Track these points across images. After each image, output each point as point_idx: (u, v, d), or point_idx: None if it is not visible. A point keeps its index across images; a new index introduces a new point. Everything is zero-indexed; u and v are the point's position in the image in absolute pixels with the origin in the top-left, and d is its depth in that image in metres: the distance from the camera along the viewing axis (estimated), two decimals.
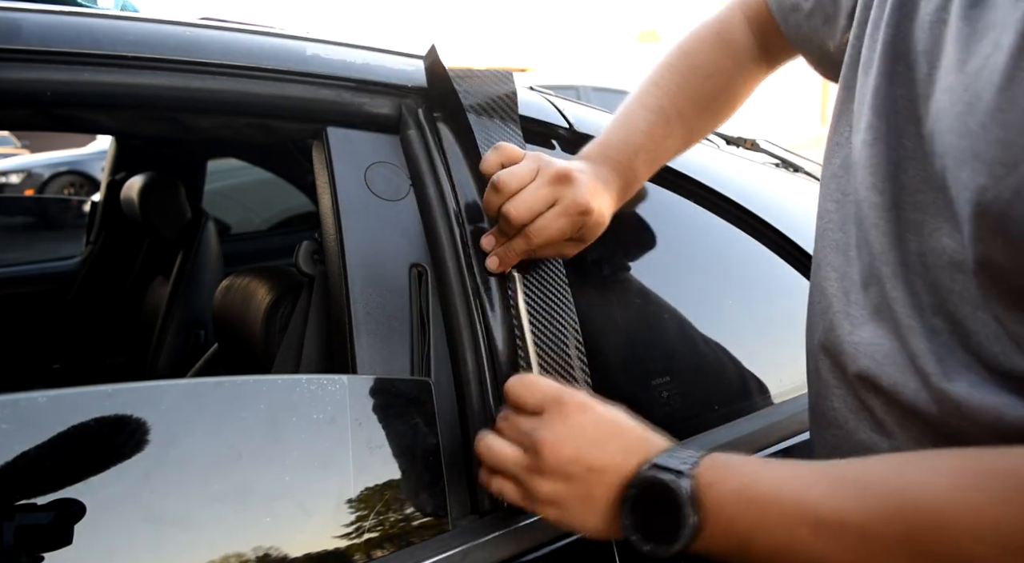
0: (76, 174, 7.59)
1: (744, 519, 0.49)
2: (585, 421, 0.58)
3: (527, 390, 0.61)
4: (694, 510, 0.50)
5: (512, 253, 0.72)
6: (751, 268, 1.04)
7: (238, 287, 0.99)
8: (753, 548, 0.49)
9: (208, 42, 0.73)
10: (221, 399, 0.60)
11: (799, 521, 0.47)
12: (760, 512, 0.48)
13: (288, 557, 0.58)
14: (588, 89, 5.75)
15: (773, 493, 0.49)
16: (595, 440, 0.57)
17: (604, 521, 0.56)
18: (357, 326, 0.69)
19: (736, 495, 0.50)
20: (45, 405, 0.52)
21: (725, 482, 0.51)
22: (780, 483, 0.49)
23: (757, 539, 0.49)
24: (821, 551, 0.46)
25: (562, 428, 0.58)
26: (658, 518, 0.52)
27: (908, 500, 0.43)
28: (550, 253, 0.75)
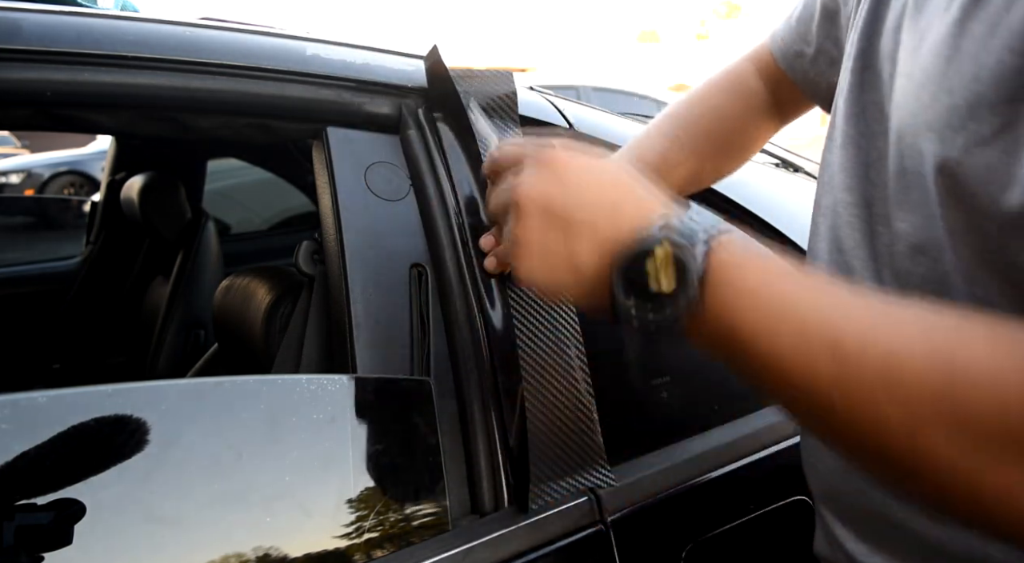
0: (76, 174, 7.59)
1: (752, 315, 0.41)
2: (568, 168, 0.49)
3: (503, 152, 0.55)
4: (699, 285, 0.42)
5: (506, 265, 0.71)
6: None
7: (238, 287, 0.99)
8: (752, 351, 0.41)
9: (208, 42, 0.73)
10: (221, 399, 0.60)
11: (816, 337, 0.39)
12: (777, 319, 0.41)
13: (288, 557, 0.58)
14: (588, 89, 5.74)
15: (793, 299, 0.41)
16: (579, 191, 0.48)
17: (592, 286, 0.47)
18: (357, 326, 0.69)
19: (753, 290, 0.42)
20: (45, 405, 0.52)
21: (743, 269, 0.42)
22: (801, 291, 0.41)
23: (760, 344, 0.41)
24: (833, 372, 0.38)
25: (540, 174, 0.49)
26: (650, 283, 0.43)
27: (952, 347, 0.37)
28: None
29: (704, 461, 0.82)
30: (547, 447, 0.71)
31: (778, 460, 0.87)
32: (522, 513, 0.69)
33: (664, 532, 0.78)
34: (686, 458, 0.81)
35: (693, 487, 0.80)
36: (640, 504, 0.76)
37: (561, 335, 0.73)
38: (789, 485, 0.86)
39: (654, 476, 0.78)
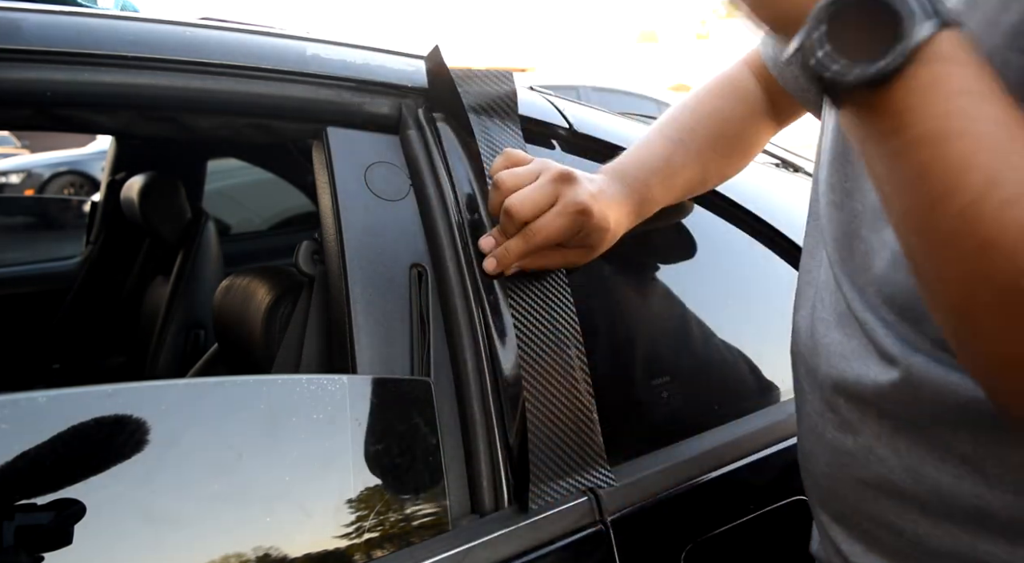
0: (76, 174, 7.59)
1: (933, 121, 0.39)
2: None
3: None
4: (909, 53, 0.38)
5: (510, 254, 0.71)
6: (751, 268, 1.04)
7: (238, 287, 0.99)
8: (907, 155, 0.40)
9: (208, 42, 0.73)
10: (221, 399, 0.60)
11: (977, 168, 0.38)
12: (957, 132, 0.38)
13: (288, 557, 0.58)
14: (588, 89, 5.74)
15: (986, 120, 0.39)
16: None
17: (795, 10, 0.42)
18: (357, 326, 0.69)
19: (954, 89, 0.39)
20: (45, 405, 0.52)
21: (957, 64, 0.39)
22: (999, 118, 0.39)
23: (923, 150, 0.39)
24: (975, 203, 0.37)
25: None
26: (860, 38, 0.39)
27: None
28: (557, 262, 0.75)
29: (704, 461, 0.82)
30: (547, 447, 0.71)
31: (778, 460, 0.87)
32: (522, 513, 0.69)
33: (664, 532, 0.78)
34: (686, 458, 0.81)
35: (693, 487, 0.80)
36: (640, 504, 0.76)
37: (561, 335, 0.73)
38: (789, 485, 0.86)
39: (654, 476, 0.78)
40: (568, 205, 0.69)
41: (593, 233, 0.72)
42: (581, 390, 0.73)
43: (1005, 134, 0.38)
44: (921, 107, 0.39)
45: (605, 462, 0.74)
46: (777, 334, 1.00)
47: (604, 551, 0.72)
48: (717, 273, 1.00)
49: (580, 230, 0.71)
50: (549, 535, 0.70)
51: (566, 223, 0.70)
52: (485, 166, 0.76)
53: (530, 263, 0.73)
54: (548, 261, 0.74)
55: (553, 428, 0.71)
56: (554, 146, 0.91)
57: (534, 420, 0.70)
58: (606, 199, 0.72)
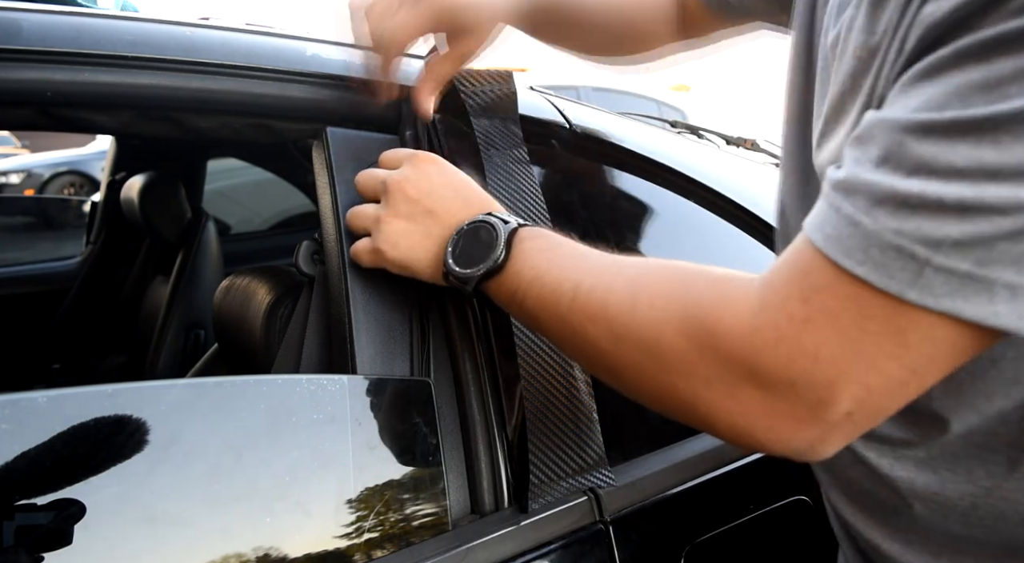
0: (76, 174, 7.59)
1: (532, 272, 0.57)
2: (432, 170, 0.66)
3: (389, 153, 0.70)
4: (505, 247, 0.59)
5: (379, 68, 0.72)
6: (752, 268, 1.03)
7: (238, 287, 0.99)
8: (528, 298, 0.57)
9: (208, 42, 0.73)
10: (221, 399, 0.60)
11: (566, 281, 0.55)
12: (545, 270, 0.57)
13: (288, 557, 0.58)
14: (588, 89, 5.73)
15: (563, 258, 0.57)
16: (438, 187, 0.65)
17: (434, 259, 0.63)
18: (357, 326, 0.69)
19: (538, 251, 0.59)
20: (45, 405, 0.52)
21: (536, 240, 0.60)
22: (572, 254, 0.58)
23: (533, 289, 0.57)
24: (569, 306, 0.54)
25: (411, 172, 0.66)
26: (475, 250, 0.60)
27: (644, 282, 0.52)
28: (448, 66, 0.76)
29: (704, 461, 0.82)
30: (547, 447, 0.71)
31: (778, 460, 0.86)
32: (522, 513, 0.69)
33: (664, 532, 0.78)
34: (686, 458, 0.81)
35: (693, 487, 0.80)
36: (640, 504, 0.76)
37: None
38: (789, 485, 0.86)
39: (654, 476, 0.78)
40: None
41: (453, 12, 0.71)
42: (581, 390, 0.73)
43: (576, 260, 0.57)
44: (520, 271, 0.58)
45: (605, 462, 0.74)
46: None
47: (604, 551, 0.72)
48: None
49: (432, 17, 0.71)
50: (549, 535, 0.70)
51: (411, 14, 0.70)
52: (485, 166, 0.76)
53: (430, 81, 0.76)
54: (441, 69, 0.76)
55: (553, 428, 0.71)
56: (554, 146, 0.91)
57: (534, 420, 0.70)
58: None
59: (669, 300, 0.49)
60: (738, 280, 0.47)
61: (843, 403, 0.42)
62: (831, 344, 0.41)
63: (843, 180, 0.42)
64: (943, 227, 0.37)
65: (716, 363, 0.46)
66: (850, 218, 0.40)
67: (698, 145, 1.22)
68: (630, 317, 0.50)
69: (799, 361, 0.42)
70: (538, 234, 0.60)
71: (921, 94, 0.40)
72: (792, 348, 0.42)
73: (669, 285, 0.50)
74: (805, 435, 0.45)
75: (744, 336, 0.44)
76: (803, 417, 0.44)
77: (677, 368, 0.47)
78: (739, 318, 0.45)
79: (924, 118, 0.39)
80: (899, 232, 0.39)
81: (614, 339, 0.51)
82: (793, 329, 0.42)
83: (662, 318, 0.48)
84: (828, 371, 0.42)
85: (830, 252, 0.41)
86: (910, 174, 0.39)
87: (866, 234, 0.40)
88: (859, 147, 0.42)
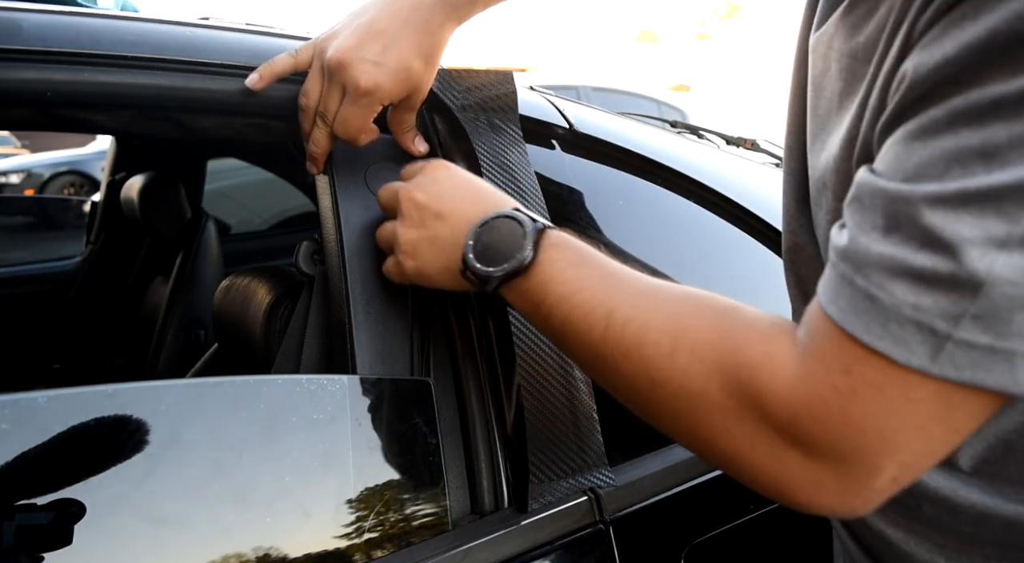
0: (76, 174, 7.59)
1: (561, 287, 0.54)
2: (441, 175, 0.64)
3: (410, 166, 0.68)
4: (532, 249, 0.55)
5: (317, 145, 0.70)
6: (752, 268, 1.04)
7: (238, 287, 0.99)
8: (554, 315, 0.54)
9: (208, 42, 0.73)
10: (221, 399, 0.60)
11: (600, 306, 0.52)
12: (576, 288, 0.54)
13: (288, 557, 0.58)
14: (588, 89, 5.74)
15: (595, 277, 0.54)
16: (447, 189, 0.63)
17: (448, 262, 0.61)
18: (357, 326, 0.69)
19: (568, 264, 0.55)
20: (45, 405, 0.52)
21: (565, 249, 0.56)
22: (604, 273, 0.54)
23: (561, 308, 0.54)
24: (602, 335, 0.51)
25: (421, 179, 0.64)
26: (498, 246, 0.57)
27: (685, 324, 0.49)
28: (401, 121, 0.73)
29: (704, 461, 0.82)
30: (547, 447, 0.71)
31: None
32: (522, 513, 0.69)
33: (664, 532, 0.78)
34: (686, 458, 0.81)
35: (693, 487, 0.80)
36: (640, 504, 0.76)
37: None
38: None
39: (654, 476, 0.78)
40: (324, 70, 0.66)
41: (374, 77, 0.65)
42: (581, 390, 0.73)
43: (609, 282, 0.53)
44: (548, 282, 0.55)
45: (605, 462, 0.74)
46: None
47: (604, 551, 0.72)
48: (719, 273, 1.00)
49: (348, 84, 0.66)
50: (549, 535, 0.70)
51: (333, 92, 0.67)
52: (483, 166, 0.76)
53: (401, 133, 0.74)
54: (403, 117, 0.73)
55: (553, 428, 0.71)
56: (554, 146, 0.91)
57: (534, 420, 0.70)
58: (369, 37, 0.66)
59: (712, 351, 0.47)
60: (782, 337, 0.46)
61: (890, 471, 0.42)
62: (878, 416, 0.41)
63: (851, 251, 0.41)
64: (960, 302, 0.37)
65: (761, 428, 0.45)
66: (865, 292, 0.40)
67: (698, 145, 1.22)
68: (669, 362, 0.48)
69: (847, 434, 0.42)
70: (568, 243, 0.57)
71: (917, 157, 0.39)
72: (840, 421, 0.42)
73: (712, 333, 0.48)
74: (850, 502, 0.44)
75: (791, 406, 0.43)
76: (849, 486, 0.43)
77: (719, 425, 0.46)
78: (786, 385, 0.43)
79: (930, 191, 0.38)
80: (917, 307, 0.38)
81: (650, 381, 0.49)
82: (839, 402, 0.42)
83: (705, 372, 0.47)
84: (876, 443, 0.41)
85: (848, 327, 0.41)
86: (921, 246, 0.38)
87: (883, 310, 0.39)
88: (860, 212, 0.42)
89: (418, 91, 0.70)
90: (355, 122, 0.68)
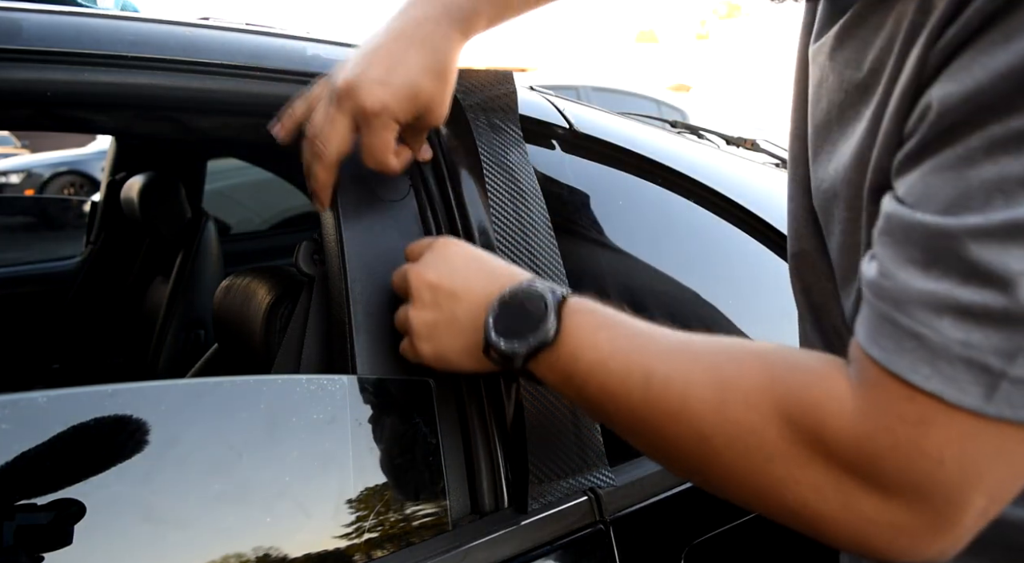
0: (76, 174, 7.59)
1: (591, 354, 0.52)
2: (450, 252, 0.62)
3: (413, 244, 0.66)
4: (556, 320, 0.54)
5: (317, 181, 0.67)
6: (752, 268, 1.04)
7: (238, 287, 0.99)
8: (589, 384, 0.52)
9: (208, 42, 0.73)
10: (221, 399, 0.60)
11: (635, 370, 0.50)
12: (607, 353, 0.51)
13: (288, 557, 0.58)
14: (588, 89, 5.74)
15: (625, 340, 0.52)
16: (459, 267, 0.61)
17: (468, 342, 0.59)
18: (357, 326, 0.69)
19: (594, 329, 0.53)
20: (45, 405, 0.52)
21: (589, 315, 0.54)
22: (633, 334, 0.52)
23: (596, 376, 0.52)
24: (642, 399, 0.49)
25: (429, 257, 0.62)
26: (520, 321, 0.55)
27: (729, 373, 0.47)
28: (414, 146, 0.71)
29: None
30: (547, 447, 0.71)
31: None
32: (522, 513, 0.69)
33: (664, 532, 0.78)
34: None
35: (693, 487, 0.80)
36: (640, 504, 0.76)
37: None
38: None
39: (654, 476, 0.78)
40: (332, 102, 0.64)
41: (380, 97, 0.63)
42: None
43: (640, 342, 0.51)
44: (577, 350, 0.53)
45: (605, 462, 0.74)
46: (779, 334, 1.00)
47: (604, 551, 0.72)
48: (719, 273, 1.00)
49: (356, 109, 0.63)
50: (549, 535, 0.70)
51: (337, 119, 0.64)
52: (484, 166, 0.76)
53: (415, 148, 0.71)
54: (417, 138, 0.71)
55: (553, 428, 0.71)
56: (554, 146, 0.91)
57: (534, 420, 0.70)
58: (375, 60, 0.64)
59: (765, 397, 0.45)
60: (836, 374, 0.44)
61: (978, 502, 0.39)
62: (953, 443, 0.38)
63: (888, 288, 0.40)
64: (1013, 337, 0.36)
65: (829, 471, 0.42)
66: (910, 330, 0.38)
67: (698, 145, 1.22)
68: (719, 416, 0.46)
69: (921, 464, 0.39)
70: (591, 307, 0.55)
71: (953, 188, 0.38)
72: (911, 451, 0.39)
73: (761, 379, 0.45)
74: (938, 544, 0.41)
75: (857, 441, 0.41)
76: (936, 525, 0.40)
77: (784, 476, 0.44)
78: (848, 421, 0.41)
79: (973, 223, 0.36)
80: (967, 344, 0.37)
81: (700, 439, 0.47)
82: (908, 431, 0.39)
83: (760, 421, 0.44)
84: (955, 473, 0.39)
85: (893, 367, 0.39)
86: (966, 280, 0.37)
87: (931, 348, 0.38)
88: (893, 246, 0.40)
89: (430, 110, 0.67)
90: (378, 145, 0.66)
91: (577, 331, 0.53)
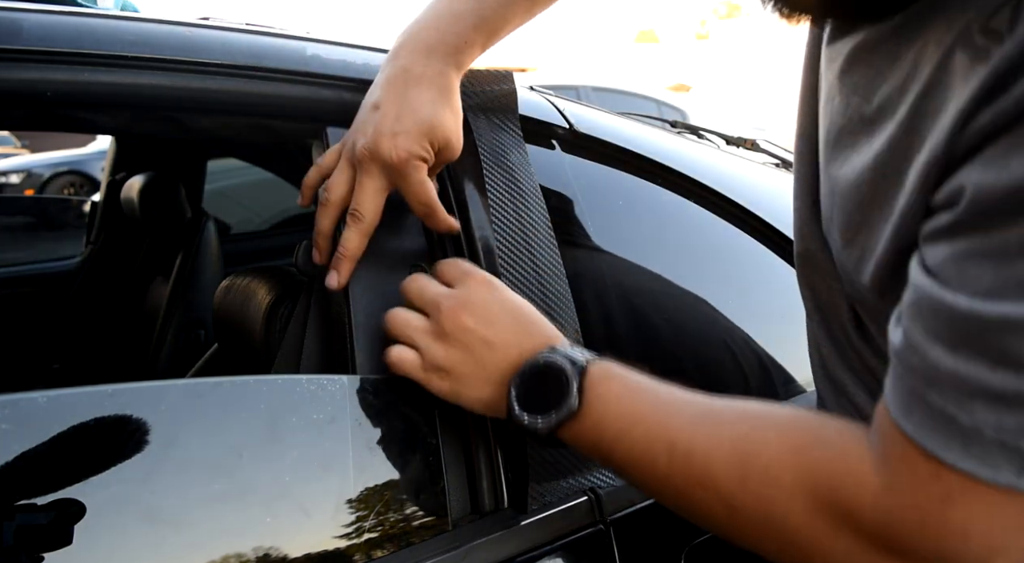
0: (76, 174, 7.59)
1: (615, 424, 0.54)
2: (490, 297, 0.61)
3: (447, 264, 0.65)
4: (578, 394, 0.54)
5: (348, 249, 0.67)
6: (753, 268, 1.04)
7: (238, 287, 0.99)
8: (615, 452, 0.54)
9: (208, 42, 0.73)
10: (221, 399, 0.60)
11: (658, 439, 0.51)
12: (630, 423, 0.53)
13: (288, 557, 0.58)
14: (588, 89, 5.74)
15: (647, 409, 0.53)
16: (497, 315, 0.60)
17: (491, 395, 0.59)
18: (357, 326, 0.69)
19: (617, 399, 0.54)
20: (45, 405, 0.52)
21: (611, 383, 0.55)
22: (655, 403, 0.54)
23: (621, 445, 0.53)
24: (667, 468, 0.51)
25: (466, 296, 0.61)
26: (543, 394, 0.56)
27: (750, 445, 0.48)
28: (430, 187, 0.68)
29: None
30: (547, 447, 0.71)
31: None
32: (522, 513, 0.69)
33: (664, 532, 0.78)
34: None
35: None
36: (640, 504, 0.76)
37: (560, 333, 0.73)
38: None
39: None
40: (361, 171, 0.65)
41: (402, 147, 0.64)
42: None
43: (662, 411, 0.53)
44: (601, 421, 0.54)
45: None
46: (779, 334, 1.00)
47: (604, 551, 0.72)
48: (719, 273, 1.00)
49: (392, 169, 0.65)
50: (549, 535, 0.70)
51: (367, 184, 0.65)
52: (484, 166, 0.76)
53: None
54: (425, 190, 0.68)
55: None
56: (554, 146, 0.91)
57: None
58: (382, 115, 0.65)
59: (788, 471, 0.46)
60: (857, 446, 0.45)
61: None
62: (978, 519, 0.39)
63: (918, 364, 0.40)
64: None
65: (858, 543, 0.43)
66: (943, 412, 0.39)
67: (698, 145, 1.22)
68: (742, 488, 0.47)
69: (949, 541, 0.40)
70: (613, 374, 0.56)
71: (988, 278, 0.38)
72: (939, 528, 0.40)
73: (782, 451, 0.47)
74: None
75: (885, 517, 0.42)
76: None
77: (813, 548, 0.45)
78: (875, 497, 0.42)
79: (1007, 312, 0.37)
80: (1000, 428, 0.37)
81: (728, 509, 0.48)
82: (935, 508, 0.40)
83: (784, 495, 0.45)
84: (982, 547, 0.40)
85: (927, 445, 0.39)
86: (995, 366, 0.37)
87: (963, 430, 0.38)
88: (921, 320, 0.41)
89: (448, 143, 0.68)
90: (419, 190, 0.66)
91: (600, 402, 0.54)
